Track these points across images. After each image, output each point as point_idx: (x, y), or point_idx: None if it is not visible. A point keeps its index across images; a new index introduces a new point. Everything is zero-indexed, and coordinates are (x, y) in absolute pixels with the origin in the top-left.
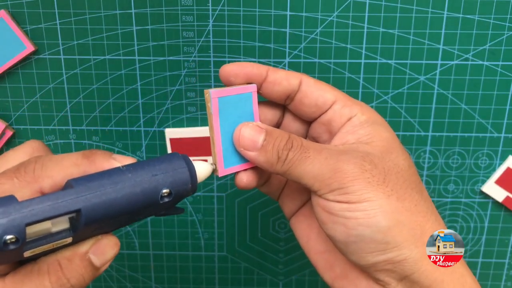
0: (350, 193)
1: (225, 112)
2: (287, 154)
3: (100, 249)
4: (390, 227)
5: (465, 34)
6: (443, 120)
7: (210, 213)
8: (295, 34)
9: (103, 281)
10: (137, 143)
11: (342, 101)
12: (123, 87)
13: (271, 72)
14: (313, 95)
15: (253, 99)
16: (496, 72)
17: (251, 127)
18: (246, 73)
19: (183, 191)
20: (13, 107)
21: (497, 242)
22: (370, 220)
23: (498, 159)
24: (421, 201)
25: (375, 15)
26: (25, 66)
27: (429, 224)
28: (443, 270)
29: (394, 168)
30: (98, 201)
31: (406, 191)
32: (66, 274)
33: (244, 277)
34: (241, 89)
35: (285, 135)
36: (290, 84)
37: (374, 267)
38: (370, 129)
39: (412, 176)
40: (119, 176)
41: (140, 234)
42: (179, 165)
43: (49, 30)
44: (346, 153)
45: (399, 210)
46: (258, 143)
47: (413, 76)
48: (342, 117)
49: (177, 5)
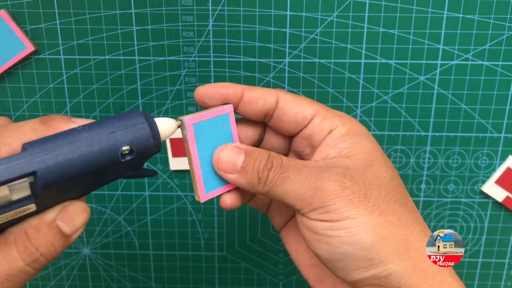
0: (331, 211)
1: (202, 137)
2: (267, 175)
3: (68, 215)
4: (373, 243)
5: (465, 34)
6: (443, 120)
7: (210, 213)
8: (295, 34)
9: (103, 281)
10: None
11: (322, 115)
12: (123, 87)
13: (246, 92)
14: (291, 112)
15: (231, 120)
16: (496, 72)
17: (230, 149)
18: (221, 94)
19: (145, 147)
20: (13, 107)
21: (497, 242)
22: (353, 237)
23: (498, 159)
24: (405, 213)
25: (375, 15)
26: (25, 66)
27: (413, 236)
28: (431, 282)
29: (376, 181)
30: (53, 162)
31: (389, 204)
32: (34, 243)
33: (244, 277)
34: (217, 112)
35: (265, 155)
36: (267, 103)
37: (361, 282)
38: (351, 141)
39: (396, 187)
40: (74, 136)
41: (140, 234)
42: (139, 121)
43: (49, 30)
44: (326, 170)
45: (382, 225)
46: (238, 165)
47: (413, 76)
48: (323, 131)
49: (177, 5)
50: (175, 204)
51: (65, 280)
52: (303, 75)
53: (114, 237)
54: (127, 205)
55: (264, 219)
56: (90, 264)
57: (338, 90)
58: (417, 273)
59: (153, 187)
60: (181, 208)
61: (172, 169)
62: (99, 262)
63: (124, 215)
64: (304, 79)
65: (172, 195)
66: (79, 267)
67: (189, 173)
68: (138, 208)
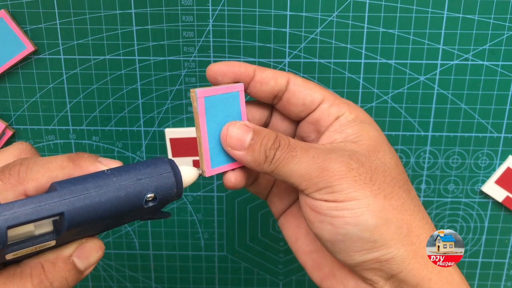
0: (337, 191)
1: (211, 111)
2: (274, 153)
3: (84, 252)
4: (377, 226)
5: (465, 34)
6: (443, 120)
7: (210, 213)
8: (295, 34)
9: (103, 281)
10: (137, 143)
11: (330, 100)
12: (123, 87)
13: (258, 71)
14: (300, 94)
15: (240, 98)
16: (496, 72)
17: (238, 126)
18: (233, 72)
19: (168, 195)
20: (13, 107)
21: (497, 242)
22: (357, 218)
23: (498, 159)
24: (408, 199)
25: (375, 15)
26: (25, 66)
27: (415, 222)
28: (431, 269)
29: (381, 166)
30: (81, 204)
31: (393, 189)
32: (49, 277)
33: (244, 277)
34: (228, 88)
35: (272, 134)
36: (278, 84)
37: (361, 266)
38: (358, 128)
39: (399, 174)
40: (103, 179)
41: (140, 234)
42: (165, 170)
43: (49, 30)
44: (333, 152)
45: (386, 208)
46: (246, 142)
47: (413, 76)
48: (330, 116)
49: (177, 5)
50: (175, 204)
51: None
52: (303, 75)
53: (114, 237)
54: None
55: (264, 219)
56: None
57: (338, 90)
58: (418, 259)
59: None
60: (181, 208)
61: None
62: (99, 262)
63: None
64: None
65: None
66: None
67: None
68: None
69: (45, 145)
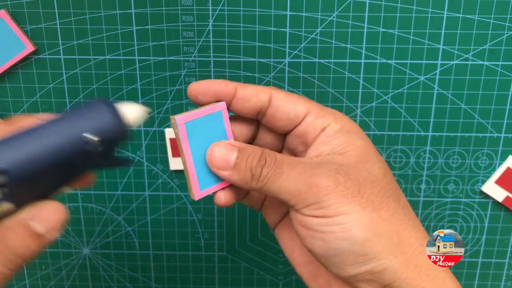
0: (325, 207)
1: (194, 135)
2: (260, 171)
3: (40, 215)
4: (367, 239)
5: (465, 34)
6: (443, 120)
7: (210, 213)
8: (295, 34)
9: (103, 281)
10: (137, 143)
11: (315, 112)
12: (123, 87)
13: (239, 89)
14: (284, 109)
15: (224, 117)
16: (496, 72)
17: (223, 146)
18: (213, 90)
19: (111, 134)
20: (13, 107)
21: (497, 242)
22: (347, 233)
23: (498, 159)
24: (398, 209)
25: (375, 15)
26: (25, 66)
27: (406, 232)
28: (424, 277)
29: (369, 177)
30: (21, 156)
31: (382, 200)
32: (10, 244)
33: (244, 277)
34: (210, 109)
35: (258, 152)
36: (260, 100)
37: (355, 278)
38: (344, 138)
39: (388, 184)
40: (39, 130)
41: (140, 234)
42: (100, 108)
43: (49, 30)
44: (320, 167)
45: (375, 220)
46: (231, 162)
47: (413, 76)
48: (316, 128)
49: (177, 5)
50: (175, 204)
51: (65, 280)
52: (303, 75)
53: (114, 237)
54: (127, 205)
55: (264, 219)
56: (90, 264)
57: (338, 90)
58: (411, 268)
59: (153, 187)
60: (181, 208)
61: (172, 169)
62: (99, 262)
63: (124, 215)
64: (304, 79)
65: (172, 195)
66: (79, 267)
67: None
68: (138, 208)
69: None
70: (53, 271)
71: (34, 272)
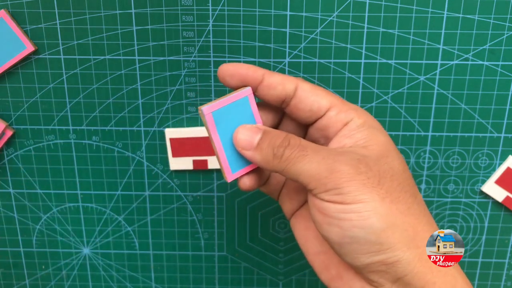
0: (345, 193)
1: (223, 122)
2: (283, 152)
3: None
4: (383, 229)
5: (465, 34)
6: (443, 120)
7: (210, 213)
8: (295, 34)
9: (103, 281)
10: (137, 143)
11: (338, 107)
12: (123, 87)
13: (267, 76)
14: (308, 101)
15: (250, 102)
16: (496, 72)
17: (248, 128)
18: (240, 73)
19: None
20: (13, 107)
21: (497, 242)
22: (364, 221)
23: (498, 159)
24: (414, 204)
25: (375, 15)
26: (25, 66)
27: (421, 226)
28: (436, 273)
29: (389, 171)
30: None
31: (400, 194)
32: None
33: (244, 277)
34: (236, 96)
35: (282, 134)
36: (285, 89)
37: (368, 268)
38: (367, 132)
39: (407, 179)
40: None
41: (140, 234)
42: None
43: (49, 30)
44: (343, 155)
45: (392, 212)
46: (254, 142)
47: (413, 76)
48: (338, 123)
49: (177, 5)
50: (175, 204)
51: (65, 280)
52: (303, 75)
53: (114, 237)
54: (127, 205)
55: (264, 219)
56: (90, 264)
57: (338, 90)
58: (423, 262)
59: (153, 187)
60: (181, 208)
61: (172, 169)
62: (99, 262)
63: (124, 215)
64: (304, 79)
65: (172, 195)
66: (79, 267)
67: (189, 173)
68: (138, 208)
69: (45, 145)
70: (53, 271)
71: (34, 272)
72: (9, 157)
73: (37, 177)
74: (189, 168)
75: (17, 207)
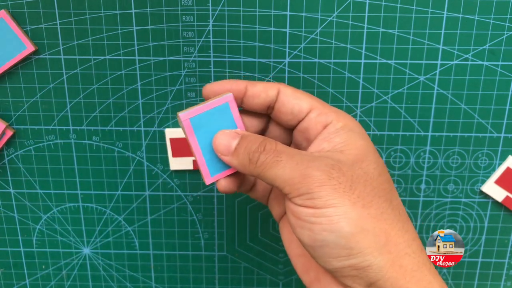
0: (316, 198)
1: (202, 128)
2: (258, 157)
3: None
4: (353, 234)
5: (465, 34)
6: (443, 120)
7: (210, 213)
8: (295, 34)
9: (103, 281)
10: (137, 143)
11: (318, 109)
12: (123, 87)
13: (249, 87)
14: (289, 104)
15: (232, 108)
16: (496, 72)
17: (226, 134)
18: (226, 90)
19: None
20: (13, 107)
21: (497, 242)
22: (333, 225)
23: (498, 159)
24: (388, 209)
25: (375, 15)
26: (25, 66)
27: (394, 231)
28: (409, 278)
29: (363, 176)
30: None
31: (373, 198)
32: None
33: (244, 277)
34: (216, 103)
35: (258, 139)
36: (268, 96)
37: (340, 272)
38: (345, 136)
39: (382, 184)
40: None
41: (140, 234)
42: None
43: (49, 30)
44: (317, 160)
45: (363, 217)
46: (232, 147)
47: (413, 76)
48: (318, 125)
49: (177, 5)
50: (175, 204)
51: (65, 280)
52: (303, 75)
53: (114, 237)
54: (127, 205)
55: (264, 219)
56: (90, 264)
57: (338, 90)
58: (396, 268)
59: (153, 187)
60: (181, 208)
61: (172, 169)
62: (99, 262)
63: (124, 215)
64: (304, 79)
65: (172, 195)
66: (79, 267)
67: (189, 173)
68: (138, 208)
69: (45, 145)
70: (53, 271)
71: (34, 272)
72: (10, 157)
73: (37, 177)
74: (189, 168)
75: (17, 207)
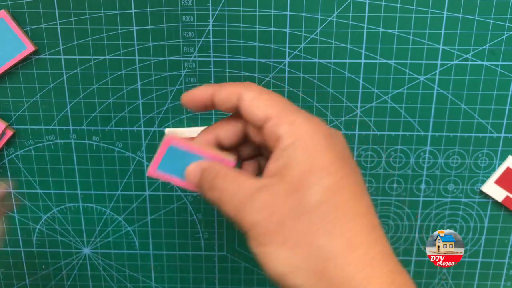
0: (250, 239)
1: (171, 167)
2: (209, 196)
3: None
4: (285, 273)
5: (465, 34)
6: (443, 120)
7: (210, 213)
8: (295, 34)
9: (103, 281)
10: (137, 143)
11: (273, 120)
12: (123, 87)
13: (216, 93)
14: (247, 112)
15: (179, 145)
16: (496, 72)
17: (197, 164)
18: (195, 97)
19: None
20: (13, 107)
21: (496, 242)
22: (266, 266)
23: (498, 159)
24: (328, 243)
25: (375, 15)
26: (25, 66)
27: (332, 265)
28: None
29: (298, 209)
30: None
31: (306, 236)
32: None
33: (244, 277)
34: (162, 149)
35: (209, 176)
36: (232, 102)
37: None
38: (290, 156)
39: (321, 215)
40: None
41: (140, 234)
42: None
43: (49, 30)
44: (251, 200)
45: (293, 256)
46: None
47: (413, 76)
48: (271, 136)
49: (177, 5)
50: (175, 204)
51: (65, 280)
52: (303, 75)
53: (114, 237)
54: (127, 205)
55: None
56: (90, 264)
57: (338, 90)
58: None
59: (153, 187)
60: (181, 208)
61: None
62: (99, 262)
63: (124, 215)
64: (304, 79)
65: (172, 195)
66: (79, 267)
67: None
68: (138, 208)
69: (45, 145)
70: (53, 271)
71: (34, 272)
72: (10, 157)
73: (37, 177)
74: None
75: (17, 207)
